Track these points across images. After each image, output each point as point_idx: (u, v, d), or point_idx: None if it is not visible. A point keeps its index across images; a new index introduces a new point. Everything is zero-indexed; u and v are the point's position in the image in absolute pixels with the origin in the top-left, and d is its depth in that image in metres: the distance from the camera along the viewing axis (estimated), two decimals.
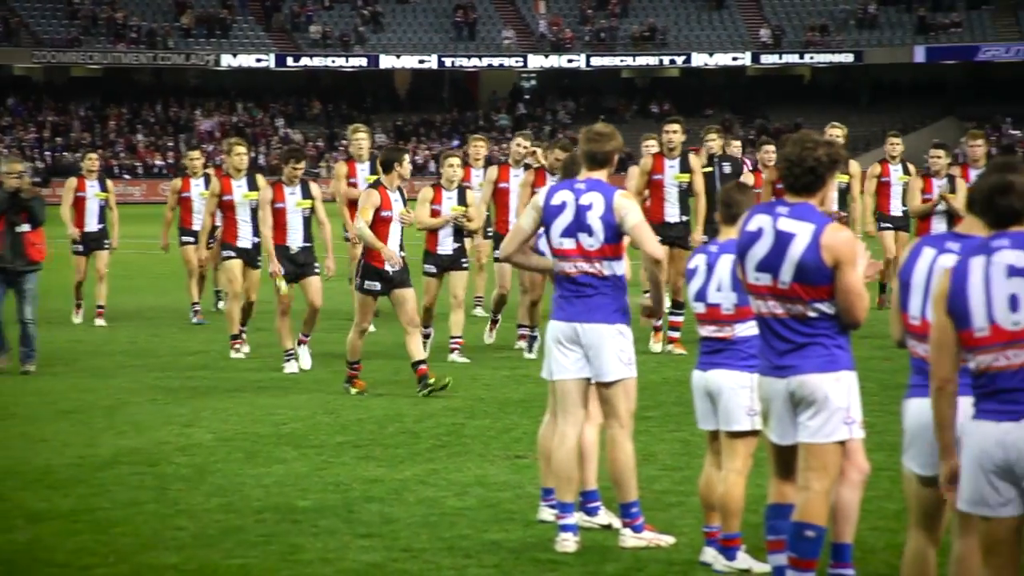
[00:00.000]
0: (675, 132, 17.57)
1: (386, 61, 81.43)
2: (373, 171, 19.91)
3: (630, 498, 9.18)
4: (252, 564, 8.92)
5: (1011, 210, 6.19)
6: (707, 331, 8.61)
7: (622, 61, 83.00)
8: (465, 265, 17.36)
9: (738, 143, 21.95)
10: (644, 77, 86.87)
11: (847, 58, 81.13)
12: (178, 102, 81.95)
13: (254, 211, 17.81)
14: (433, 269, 17.30)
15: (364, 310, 15.19)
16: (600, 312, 9.15)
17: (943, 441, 6.22)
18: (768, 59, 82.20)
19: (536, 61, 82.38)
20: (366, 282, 15.08)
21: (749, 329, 8.46)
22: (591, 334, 9.16)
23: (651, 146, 18.44)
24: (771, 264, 7.31)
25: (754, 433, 8.51)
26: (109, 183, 22.05)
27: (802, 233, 7.26)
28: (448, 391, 14.89)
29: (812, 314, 7.27)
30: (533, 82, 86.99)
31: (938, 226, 17.82)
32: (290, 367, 16.65)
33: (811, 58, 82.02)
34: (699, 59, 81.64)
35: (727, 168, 18.59)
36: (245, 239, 18.19)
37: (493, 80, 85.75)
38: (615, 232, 9.11)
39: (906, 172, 20.76)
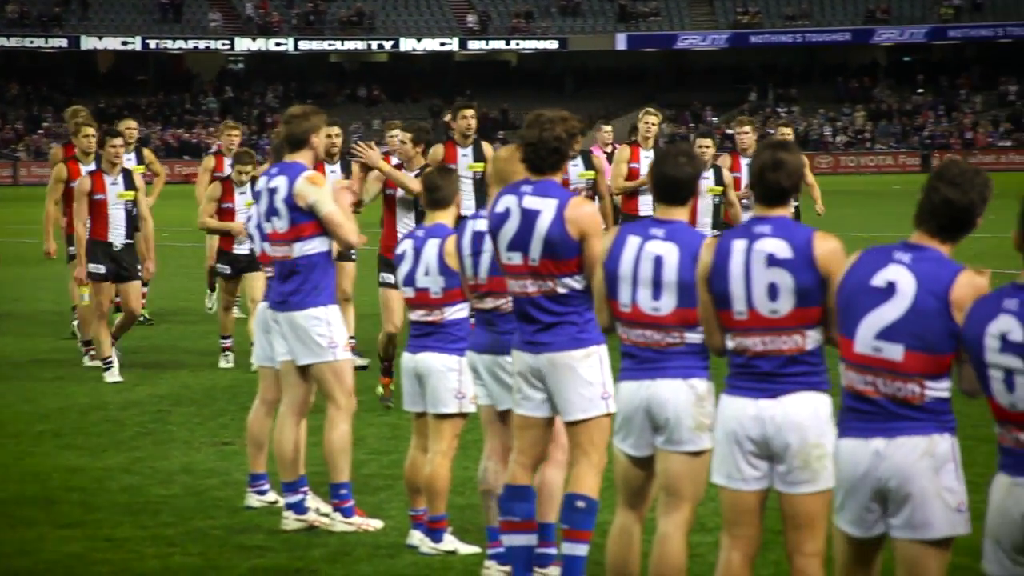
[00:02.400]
0: (472, 118, 16.02)
1: (88, 42, 79.56)
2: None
3: (338, 479, 9.17)
4: None
5: (779, 186, 6.31)
6: (417, 315, 8.64)
7: (330, 45, 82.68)
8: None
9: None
10: (353, 61, 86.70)
11: (552, 45, 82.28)
12: None
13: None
14: (228, 269, 15.56)
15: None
16: (297, 296, 9.10)
17: None
18: (475, 45, 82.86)
19: (243, 44, 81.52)
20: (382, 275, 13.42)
21: (458, 312, 8.51)
22: (288, 321, 9.11)
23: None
24: (521, 242, 7.38)
25: (461, 416, 8.57)
26: None
27: (547, 209, 7.33)
28: (155, 377, 14.62)
29: (562, 290, 7.33)
30: (241, 65, 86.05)
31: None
32: (111, 376, 14.80)
33: (517, 44, 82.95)
34: (407, 44, 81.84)
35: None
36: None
37: (200, 63, 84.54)
38: (302, 213, 9.05)
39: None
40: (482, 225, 7.96)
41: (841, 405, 5.84)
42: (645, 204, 17.08)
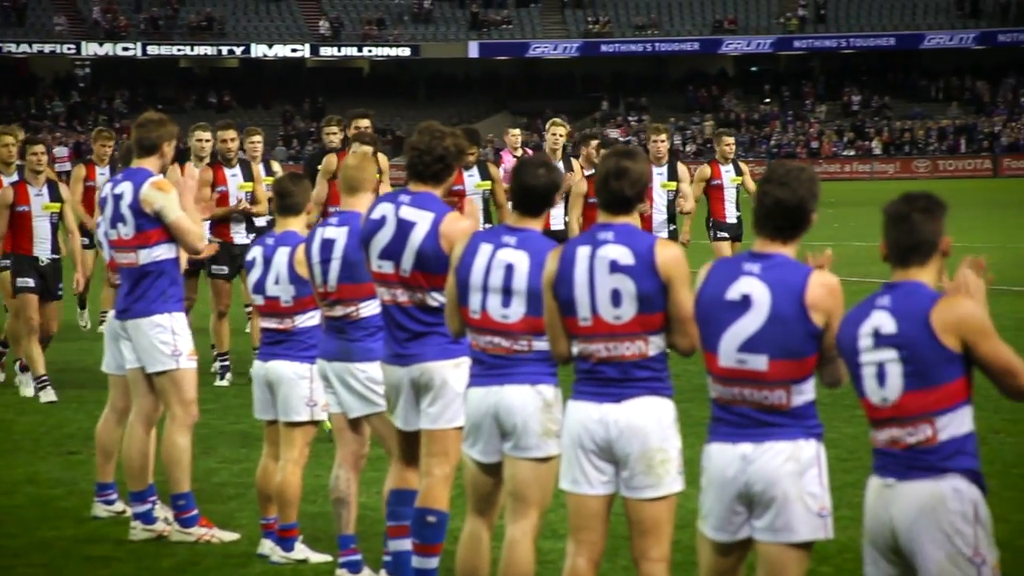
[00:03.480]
0: (367, 127, 14.86)
1: None
2: None
3: (175, 489, 9.13)
4: None
5: (622, 194, 6.36)
6: (268, 323, 8.60)
7: (179, 51, 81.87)
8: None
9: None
10: (203, 67, 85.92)
11: (404, 52, 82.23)
12: None
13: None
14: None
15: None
16: (142, 303, 9.04)
17: None
18: (327, 51, 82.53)
19: (90, 48, 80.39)
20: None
21: (309, 320, 8.49)
22: (134, 328, 9.05)
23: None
24: (393, 252, 7.35)
25: (313, 423, 8.55)
26: None
27: (422, 221, 7.32)
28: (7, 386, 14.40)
29: (432, 303, 7.32)
30: (87, 70, 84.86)
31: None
32: (47, 395, 14.08)
33: (369, 51, 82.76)
34: (258, 50, 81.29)
35: None
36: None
37: (44, 67, 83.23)
38: (149, 220, 8.98)
39: (738, 173, 18.97)
40: (331, 232, 7.95)
41: (711, 415, 5.92)
42: (556, 217, 16.27)
